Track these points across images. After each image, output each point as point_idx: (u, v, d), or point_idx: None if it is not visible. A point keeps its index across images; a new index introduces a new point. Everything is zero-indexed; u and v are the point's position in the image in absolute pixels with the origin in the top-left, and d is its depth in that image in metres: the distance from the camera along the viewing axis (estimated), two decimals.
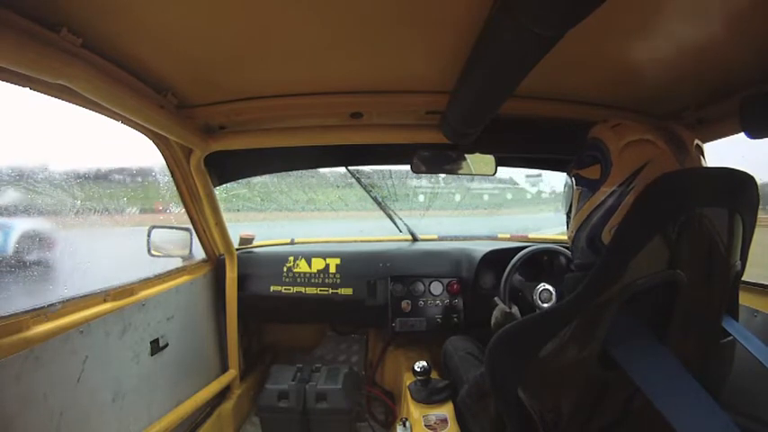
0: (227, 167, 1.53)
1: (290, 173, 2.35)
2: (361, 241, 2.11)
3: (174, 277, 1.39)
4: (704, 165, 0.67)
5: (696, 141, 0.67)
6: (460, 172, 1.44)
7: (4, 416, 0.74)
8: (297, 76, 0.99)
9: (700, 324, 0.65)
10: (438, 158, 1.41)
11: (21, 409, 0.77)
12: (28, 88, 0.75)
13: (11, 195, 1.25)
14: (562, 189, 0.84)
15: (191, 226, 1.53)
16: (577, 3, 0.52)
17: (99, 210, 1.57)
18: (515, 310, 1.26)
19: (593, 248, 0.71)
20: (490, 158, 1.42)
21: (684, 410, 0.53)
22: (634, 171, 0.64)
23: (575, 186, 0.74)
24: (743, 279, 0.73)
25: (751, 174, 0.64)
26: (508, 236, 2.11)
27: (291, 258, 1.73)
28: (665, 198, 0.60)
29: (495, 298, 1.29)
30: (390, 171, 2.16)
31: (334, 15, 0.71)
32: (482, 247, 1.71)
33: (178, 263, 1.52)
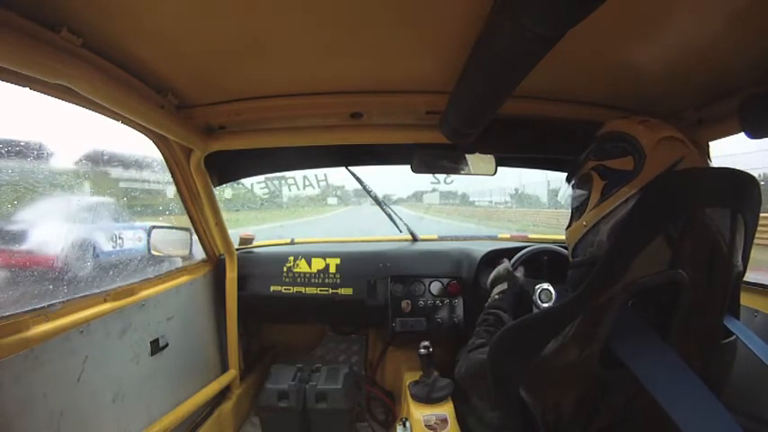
0: (228, 167, 1.53)
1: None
2: (361, 241, 2.11)
3: (174, 277, 1.39)
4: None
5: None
6: (461, 172, 1.45)
7: (4, 416, 0.74)
8: (297, 76, 0.99)
9: (701, 324, 0.65)
10: (438, 158, 1.42)
11: (20, 409, 0.77)
12: (28, 88, 0.75)
13: None
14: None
15: (191, 226, 1.53)
16: (577, 3, 0.52)
17: None
18: (521, 271, 1.22)
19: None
20: (490, 158, 1.42)
21: (687, 408, 0.53)
22: (668, 167, 0.63)
23: (597, 178, 0.71)
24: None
25: (753, 174, 0.64)
26: (508, 236, 2.11)
27: (291, 258, 1.73)
28: (667, 198, 0.60)
29: (505, 259, 1.22)
30: None
31: (335, 15, 0.71)
32: (482, 247, 1.71)
33: (179, 263, 1.52)
